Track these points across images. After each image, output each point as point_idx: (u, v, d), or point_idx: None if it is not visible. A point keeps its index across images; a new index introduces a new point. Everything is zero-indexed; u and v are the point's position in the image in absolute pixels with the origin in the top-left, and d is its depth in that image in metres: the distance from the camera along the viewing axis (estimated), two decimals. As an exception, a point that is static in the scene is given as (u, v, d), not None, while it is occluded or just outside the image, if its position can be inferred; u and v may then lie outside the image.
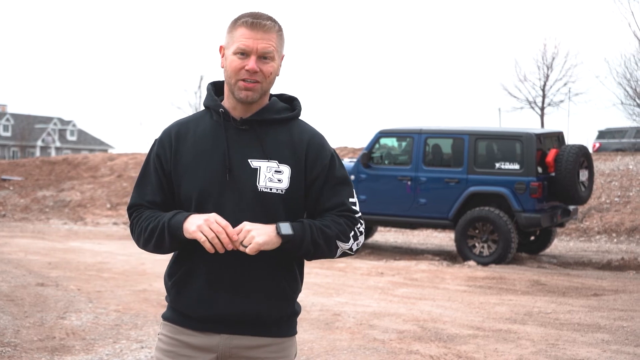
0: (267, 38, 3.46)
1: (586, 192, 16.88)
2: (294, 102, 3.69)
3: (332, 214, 3.55)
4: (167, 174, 3.57)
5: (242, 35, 3.45)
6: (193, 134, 3.57)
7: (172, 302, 3.62)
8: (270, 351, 3.59)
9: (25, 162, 36.96)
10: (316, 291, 12.53)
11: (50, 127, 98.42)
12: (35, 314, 10.31)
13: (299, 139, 3.56)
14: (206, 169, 3.50)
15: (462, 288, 13.24)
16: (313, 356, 8.59)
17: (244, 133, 3.53)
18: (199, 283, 3.51)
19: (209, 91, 3.67)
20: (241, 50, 3.44)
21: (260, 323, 3.55)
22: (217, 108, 3.56)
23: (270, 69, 3.48)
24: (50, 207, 28.37)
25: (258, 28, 3.45)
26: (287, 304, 3.60)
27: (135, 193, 3.65)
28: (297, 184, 3.52)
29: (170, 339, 3.61)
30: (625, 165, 25.76)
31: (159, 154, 3.60)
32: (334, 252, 3.54)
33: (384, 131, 18.03)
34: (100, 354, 8.55)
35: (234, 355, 3.56)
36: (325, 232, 3.47)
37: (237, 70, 3.45)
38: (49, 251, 16.95)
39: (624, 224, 21.36)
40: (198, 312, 3.53)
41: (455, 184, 16.88)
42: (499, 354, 8.76)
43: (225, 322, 3.53)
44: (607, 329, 10.08)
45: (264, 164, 3.49)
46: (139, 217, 3.59)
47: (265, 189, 3.47)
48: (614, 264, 16.49)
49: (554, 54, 50.19)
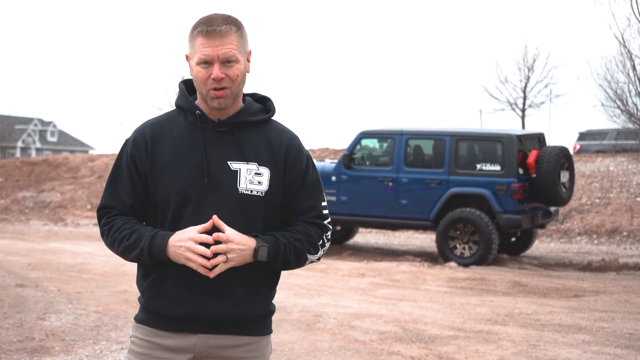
0: (226, 42, 3.44)
1: (567, 193, 16.92)
2: (267, 103, 3.70)
3: (305, 222, 3.59)
4: (141, 175, 3.53)
5: (201, 45, 3.44)
6: (169, 135, 3.54)
7: (147, 302, 3.57)
8: (247, 350, 3.59)
9: (5, 163, 36.78)
10: (297, 292, 12.52)
11: (31, 128, 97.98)
12: (14, 315, 10.25)
13: (278, 141, 3.57)
14: (185, 171, 3.47)
15: (443, 289, 13.24)
16: (294, 357, 8.57)
17: (222, 135, 3.52)
18: (176, 282, 3.49)
19: (182, 90, 3.65)
20: (203, 60, 3.44)
21: (238, 322, 3.54)
22: (193, 110, 3.54)
23: (236, 72, 3.47)
24: (30, 208, 28.26)
25: (214, 35, 3.43)
26: (264, 303, 3.60)
27: (107, 194, 3.60)
28: (277, 186, 3.53)
29: (144, 341, 3.58)
30: (605, 167, 25.85)
31: (132, 154, 3.55)
32: (302, 264, 3.61)
33: (365, 132, 18.03)
34: (80, 355, 8.51)
35: (210, 355, 3.55)
36: (297, 248, 3.52)
37: (205, 81, 3.45)
38: (29, 252, 16.88)
39: (604, 225, 21.43)
40: (175, 312, 3.51)
41: (436, 185, 16.90)
42: (480, 355, 8.77)
43: (202, 321, 3.51)
44: (588, 330, 10.10)
45: (243, 166, 3.49)
46: (111, 225, 3.55)
47: (246, 191, 3.47)
48: (595, 265, 16.55)
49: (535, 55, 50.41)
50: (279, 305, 11.25)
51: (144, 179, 3.53)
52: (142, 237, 3.44)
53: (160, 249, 3.40)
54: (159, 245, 3.40)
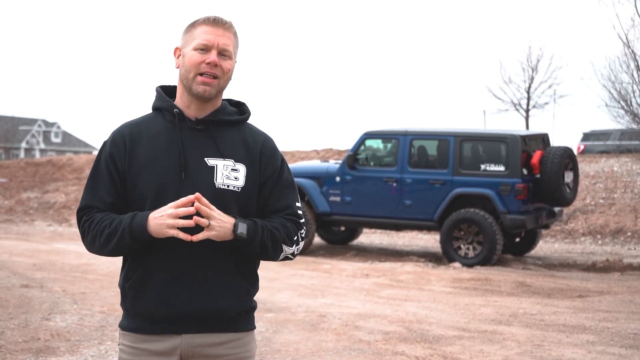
0: (227, 36, 3.59)
1: (571, 193, 16.91)
2: (242, 107, 3.80)
3: (281, 217, 3.65)
4: (121, 174, 3.59)
5: (203, 32, 3.56)
6: (147, 135, 3.61)
7: (131, 305, 3.61)
8: (232, 347, 3.64)
9: (9, 164, 36.80)
10: (301, 292, 12.53)
11: (35, 128, 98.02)
12: (19, 315, 10.27)
13: (253, 140, 3.67)
14: (162, 167, 3.54)
15: (448, 289, 13.25)
16: (299, 357, 8.59)
17: (199, 133, 3.60)
18: (158, 282, 3.54)
19: (160, 93, 3.72)
20: (203, 45, 3.55)
21: (221, 319, 3.59)
22: (171, 108, 3.62)
23: (228, 66, 3.59)
24: (35, 209, 28.29)
25: (219, 25, 3.59)
26: (245, 298, 3.65)
27: (86, 194, 3.64)
28: (252, 183, 3.61)
29: (132, 348, 3.63)
30: (610, 167, 25.83)
31: (111, 153, 3.61)
32: (278, 255, 3.64)
33: (370, 133, 18.04)
34: (85, 355, 8.52)
35: (196, 355, 3.59)
36: (274, 234, 3.57)
37: (198, 64, 3.54)
38: (34, 253, 16.90)
39: (608, 226, 21.42)
40: (159, 312, 3.55)
41: (440, 186, 16.90)
42: (484, 355, 8.77)
43: (186, 320, 3.56)
44: (592, 330, 10.11)
45: (220, 162, 3.57)
46: (91, 220, 3.58)
47: (222, 186, 3.55)
48: (599, 265, 16.54)
49: (538, 56, 50.24)
50: (284, 305, 11.28)
51: (123, 178, 3.59)
52: (122, 221, 3.49)
53: (141, 226, 3.43)
54: (139, 222, 3.45)
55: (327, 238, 20.14)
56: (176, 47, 3.66)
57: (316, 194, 17.97)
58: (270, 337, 9.43)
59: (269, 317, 10.52)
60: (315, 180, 18.15)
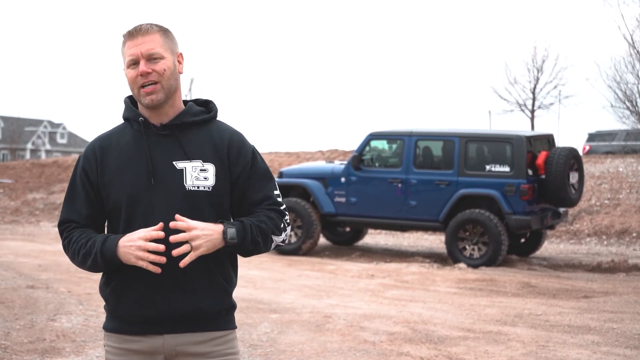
0: (148, 40, 3.59)
1: (576, 194, 16.90)
2: (209, 105, 3.82)
3: (263, 209, 3.69)
4: (94, 186, 3.66)
5: (128, 48, 3.61)
6: (116, 145, 3.66)
7: (112, 308, 3.68)
8: (215, 344, 3.67)
9: (15, 165, 36.86)
10: (307, 293, 12.54)
11: (40, 129, 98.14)
12: (25, 316, 10.29)
13: (220, 138, 3.69)
14: (132, 176, 3.59)
15: (453, 290, 13.25)
16: (304, 358, 8.60)
17: (165, 138, 3.64)
18: (138, 285, 3.58)
19: (127, 104, 3.76)
20: (131, 61, 3.59)
21: (201, 318, 3.63)
22: (136, 117, 3.66)
23: (162, 67, 3.59)
24: (41, 210, 28.31)
25: (137, 34, 3.60)
26: (224, 297, 3.69)
27: (65, 208, 3.73)
28: (223, 181, 3.64)
29: (117, 349, 3.69)
30: (615, 168, 25.80)
31: (84, 167, 3.69)
32: (269, 246, 3.69)
33: (375, 133, 18.03)
34: (90, 355, 8.55)
35: (180, 354, 3.63)
36: (262, 229, 3.61)
37: (134, 79, 3.59)
38: (39, 253, 16.93)
39: (614, 227, 21.40)
40: (140, 314, 3.60)
41: (445, 186, 16.89)
42: (489, 356, 8.78)
43: (167, 321, 3.60)
44: (597, 331, 10.11)
45: (188, 164, 3.60)
46: (70, 238, 3.67)
47: (192, 188, 3.58)
48: (604, 266, 16.53)
49: (544, 56, 50.33)
50: (289, 306, 11.29)
51: (97, 190, 3.66)
52: (95, 243, 3.55)
53: (111, 251, 3.49)
54: (110, 247, 3.50)
55: (332, 239, 20.13)
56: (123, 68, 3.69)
57: (321, 195, 17.98)
58: (275, 338, 9.44)
59: (274, 317, 10.53)
60: (320, 181, 18.15)
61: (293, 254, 17.64)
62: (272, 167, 30.85)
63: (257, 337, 9.46)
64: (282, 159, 33.03)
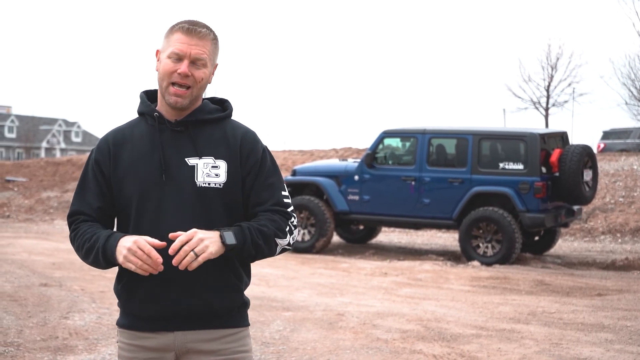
0: (202, 45, 3.58)
1: (590, 192, 16.85)
2: (225, 104, 3.81)
3: (266, 211, 3.66)
4: (107, 179, 3.65)
5: (177, 40, 3.57)
6: (130, 140, 3.65)
7: (124, 305, 3.68)
8: (227, 342, 3.65)
9: (29, 163, 37.00)
10: (320, 291, 12.54)
11: (55, 128, 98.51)
12: (38, 314, 10.31)
13: (233, 135, 3.68)
14: (144, 171, 3.58)
15: (466, 288, 13.23)
16: (316, 355, 8.59)
17: (180, 134, 3.63)
18: (149, 282, 3.55)
19: (142, 99, 3.75)
20: (175, 54, 3.56)
21: (212, 315, 3.62)
22: (151, 112, 3.66)
23: (202, 75, 3.59)
24: (55, 208, 28.37)
25: (193, 34, 3.58)
26: (236, 295, 3.68)
27: (75, 200, 3.71)
28: (235, 178, 3.63)
29: (129, 345, 3.69)
30: (629, 166, 25.73)
31: (97, 160, 3.67)
32: (274, 250, 3.65)
33: (388, 131, 18.03)
34: (103, 353, 8.55)
35: (191, 351, 3.62)
36: (263, 232, 3.56)
37: (170, 73, 3.57)
38: (53, 252, 16.96)
39: (628, 224, 21.33)
40: (150, 311, 3.60)
41: (459, 184, 16.87)
42: (502, 354, 8.75)
43: (178, 318, 3.59)
44: (611, 329, 10.07)
45: (200, 161, 3.59)
46: (77, 231, 3.65)
47: (204, 184, 3.57)
48: (618, 264, 16.47)
49: (558, 54, 50.23)
50: (302, 304, 11.29)
51: (109, 183, 3.65)
52: (99, 239, 3.54)
53: (112, 249, 3.47)
54: (112, 245, 3.48)
55: (345, 237, 20.14)
56: (157, 49, 3.68)
57: (335, 193, 17.98)
58: (288, 336, 9.44)
59: (287, 315, 10.53)
60: (333, 179, 18.16)
61: (306, 252, 17.65)
62: (285, 165, 30.87)
63: (269, 335, 9.45)
64: (296, 157, 33.05)
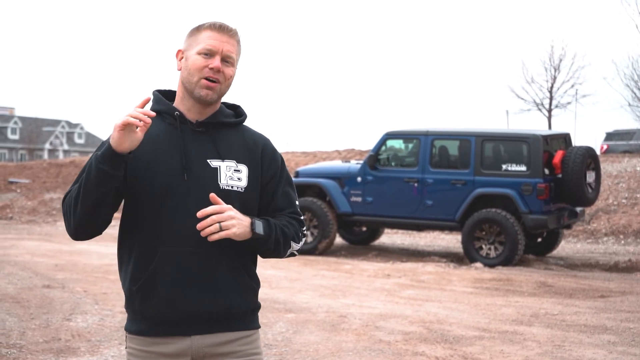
0: (232, 42, 3.63)
1: (593, 193, 16.84)
2: (238, 109, 3.83)
3: (285, 216, 3.70)
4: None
5: (208, 37, 3.59)
6: (147, 135, 3.51)
7: (139, 307, 3.56)
8: (241, 344, 3.64)
9: (32, 165, 37.01)
10: (322, 293, 12.53)
11: (58, 130, 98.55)
12: (41, 315, 10.32)
13: (253, 141, 3.72)
14: (165, 169, 3.54)
15: (469, 290, 13.22)
16: (319, 357, 8.59)
17: (200, 135, 3.62)
18: (166, 283, 3.51)
19: (158, 97, 3.72)
20: (207, 50, 3.57)
21: (229, 318, 3.60)
22: (171, 111, 3.63)
23: (230, 72, 3.62)
24: (58, 210, 28.37)
25: (225, 32, 3.61)
26: (252, 296, 3.68)
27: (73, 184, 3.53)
28: (254, 183, 3.65)
29: (142, 351, 3.60)
30: (632, 167, 25.72)
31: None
32: (286, 251, 3.69)
33: (391, 133, 18.02)
34: (105, 355, 8.55)
35: (207, 355, 3.58)
36: (285, 232, 3.63)
37: (201, 68, 3.56)
38: (56, 253, 16.97)
39: (631, 226, 21.32)
40: (168, 314, 3.52)
41: (461, 186, 16.86)
42: (505, 356, 8.75)
43: (195, 321, 3.54)
44: (614, 331, 10.06)
45: (223, 163, 3.59)
46: (70, 193, 3.50)
47: (227, 187, 3.57)
48: (621, 265, 16.45)
49: (561, 55, 50.10)
50: (305, 306, 11.29)
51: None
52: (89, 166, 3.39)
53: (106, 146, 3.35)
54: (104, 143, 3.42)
55: (348, 238, 20.15)
56: (179, 49, 3.68)
57: (337, 194, 17.98)
58: (291, 338, 9.43)
59: (289, 317, 10.53)
60: (336, 181, 18.16)
61: (309, 254, 17.64)
62: (288, 166, 30.86)
63: (272, 336, 9.45)
64: (299, 159, 33.06)
